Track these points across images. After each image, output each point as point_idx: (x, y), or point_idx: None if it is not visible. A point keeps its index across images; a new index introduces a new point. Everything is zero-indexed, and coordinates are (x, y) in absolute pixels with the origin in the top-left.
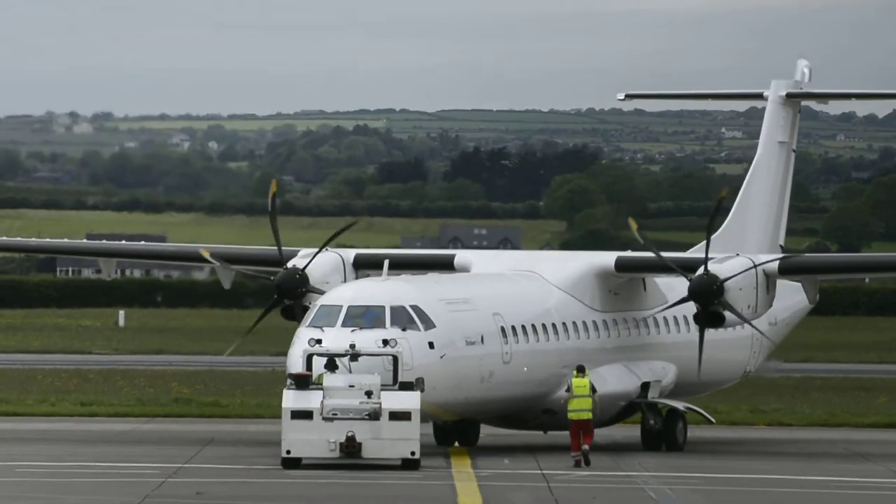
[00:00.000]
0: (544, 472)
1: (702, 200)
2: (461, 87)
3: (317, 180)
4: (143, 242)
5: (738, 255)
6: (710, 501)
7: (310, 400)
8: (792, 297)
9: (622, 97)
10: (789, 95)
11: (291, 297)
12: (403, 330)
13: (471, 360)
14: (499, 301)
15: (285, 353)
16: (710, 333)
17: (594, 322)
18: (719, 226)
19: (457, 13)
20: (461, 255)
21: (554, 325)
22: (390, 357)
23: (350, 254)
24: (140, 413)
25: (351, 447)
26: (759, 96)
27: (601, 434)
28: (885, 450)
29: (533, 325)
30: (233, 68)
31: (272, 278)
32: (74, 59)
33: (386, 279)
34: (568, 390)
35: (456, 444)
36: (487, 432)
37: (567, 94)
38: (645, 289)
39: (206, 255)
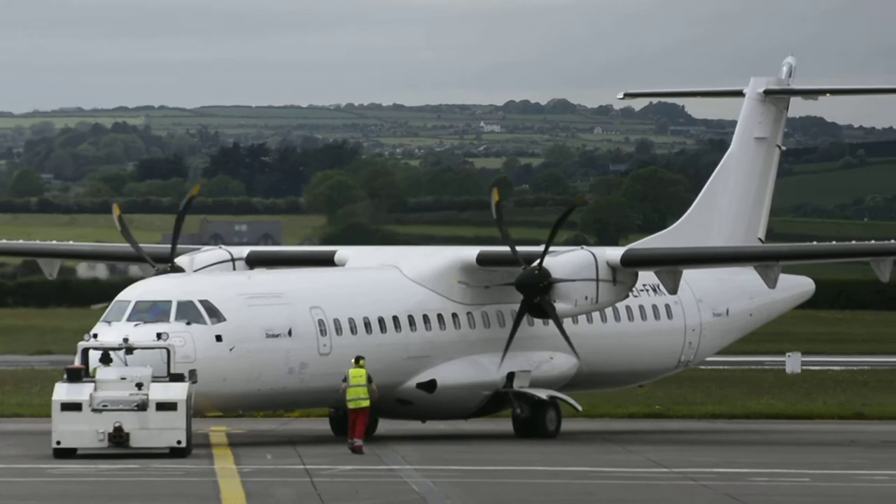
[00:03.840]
0: (307, 466)
1: (461, 195)
2: (221, 83)
3: (76, 178)
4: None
5: (581, 247)
6: (471, 494)
7: (80, 392)
8: (764, 288)
9: (621, 97)
10: (767, 92)
11: None
12: (188, 324)
13: (272, 353)
14: (324, 295)
15: (46, 353)
16: (636, 325)
17: (454, 315)
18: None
19: (216, 8)
20: (340, 252)
21: (396, 317)
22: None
23: (243, 251)
24: None
25: (119, 437)
26: (739, 94)
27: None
28: (643, 439)
29: (366, 319)
30: None
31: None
32: None
33: (188, 275)
34: (345, 380)
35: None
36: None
37: (326, 89)
38: None
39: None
